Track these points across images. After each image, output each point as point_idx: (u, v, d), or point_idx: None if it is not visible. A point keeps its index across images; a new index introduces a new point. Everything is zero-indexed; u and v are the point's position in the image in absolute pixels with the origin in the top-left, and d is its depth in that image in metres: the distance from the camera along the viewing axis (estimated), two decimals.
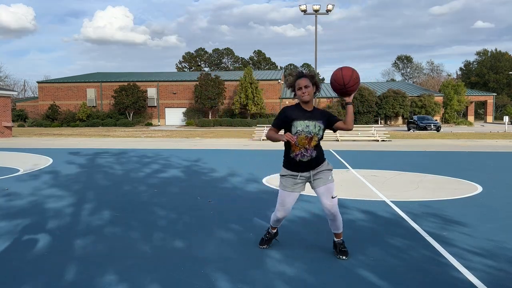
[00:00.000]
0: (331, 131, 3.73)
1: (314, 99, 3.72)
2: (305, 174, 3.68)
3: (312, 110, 3.64)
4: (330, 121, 3.65)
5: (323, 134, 3.66)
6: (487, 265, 3.52)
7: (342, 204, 5.88)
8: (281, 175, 3.81)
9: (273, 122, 3.71)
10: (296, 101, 3.75)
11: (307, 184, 3.82)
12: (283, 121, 3.63)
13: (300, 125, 3.57)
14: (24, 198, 6.35)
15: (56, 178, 8.25)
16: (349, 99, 3.55)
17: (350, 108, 3.57)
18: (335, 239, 3.85)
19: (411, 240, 4.22)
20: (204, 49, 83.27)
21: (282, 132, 3.77)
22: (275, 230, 4.06)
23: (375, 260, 3.67)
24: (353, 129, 23.16)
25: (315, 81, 3.63)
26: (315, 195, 6.46)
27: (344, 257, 3.73)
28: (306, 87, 3.54)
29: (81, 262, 3.63)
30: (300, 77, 3.58)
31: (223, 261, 3.65)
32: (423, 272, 3.38)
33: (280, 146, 16.75)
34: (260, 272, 3.40)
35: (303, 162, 3.63)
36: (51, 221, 5.01)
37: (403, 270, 3.43)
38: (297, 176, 3.69)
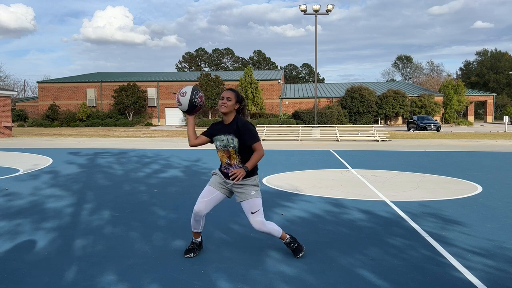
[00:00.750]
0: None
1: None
2: (228, 181, 3.63)
3: (229, 123, 3.57)
4: (240, 135, 3.49)
5: (241, 145, 3.50)
6: (486, 265, 3.52)
7: (342, 204, 5.88)
8: (212, 173, 3.81)
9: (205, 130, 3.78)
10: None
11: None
12: (207, 132, 3.73)
13: (217, 140, 3.64)
14: (24, 198, 6.35)
15: (56, 178, 8.25)
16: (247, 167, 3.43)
17: (245, 169, 3.42)
18: (283, 241, 3.81)
19: (411, 240, 4.22)
20: (204, 49, 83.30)
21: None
22: (199, 239, 3.84)
23: (375, 260, 3.67)
24: (353, 129, 23.03)
25: (242, 100, 3.64)
26: (315, 195, 6.49)
27: (299, 255, 3.73)
28: (228, 99, 3.51)
29: (81, 262, 3.63)
30: (227, 89, 3.60)
31: (223, 261, 3.65)
32: (423, 272, 3.39)
33: (280, 146, 16.74)
34: (260, 272, 3.40)
35: (227, 174, 3.62)
36: (51, 221, 5.01)
37: (403, 270, 3.43)
38: (224, 180, 3.66)
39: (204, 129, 33.72)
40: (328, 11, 24.89)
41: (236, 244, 4.13)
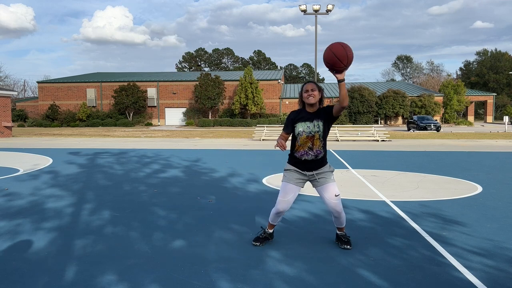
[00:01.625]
0: (333, 127, 3.87)
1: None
2: (309, 172, 3.88)
3: (316, 111, 3.84)
4: (327, 112, 3.80)
5: (325, 130, 3.81)
6: (486, 265, 3.52)
7: (342, 203, 5.87)
8: (285, 170, 4.00)
9: (283, 128, 3.96)
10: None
11: (307, 183, 3.97)
12: (288, 123, 3.92)
13: (301, 126, 3.82)
14: (24, 198, 6.35)
15: (56, 178, 8.25)
16: (341, 76, 3.54)
17: (344, 86, 3.57)
18: (338, 232, 4.09)
19: (411, 240, 4.22)
20: (204, 49, 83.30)
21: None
22: (272, 230, 4.15)
23: (375, 260, 3.67)
24: (353, 129, 23.07)
25: (322, 90, 3.86)
26: (315, 195, 6.49)
27: (348, 247, 3.97)
28: (312, 90, 3.77)
29: (81, 262, 3.64)
30: (307, 82, 3.85)
31: (223, 261, 3.65)
32: (423, 272, 3.39)
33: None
34: (260, 272, 3.40)
35: (308, 160, 3.83)
36: (51, 221, 5.01)
37: (403, 270, 3.43)
38: (305, 174, 3.90)
39: (205, 128, 33.76)
40: (328, 11, 24.89)
41: (236, 244, 4.13)
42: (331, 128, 4.20)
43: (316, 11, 24.87)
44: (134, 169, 9.63)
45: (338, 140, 19.81)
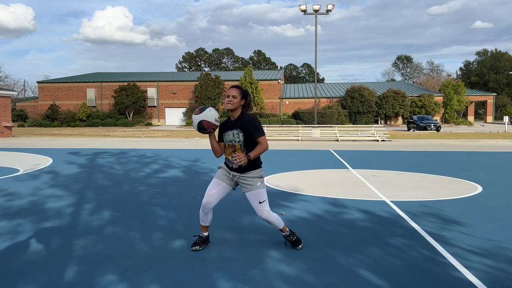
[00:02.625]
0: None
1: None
2: (233, 172, 3.83)
3: (236, 119, 3.77)
4: (246, 129, 3.69)
5: (246, 140, 3.70)
6: (486, 265, 3.52)
7: (342, 204, 5.88)
8: (219, 167, 4.02)
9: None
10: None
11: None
12: (219, 133, 3.90)
13: (224, 136, 3.82)
14: (24, 198, 6.35)
15: (56, 178, 8.25)
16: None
17: (250, 157, 3.62)
18: (283, 233, 3.99)
19: (411, 240, 4.22)
20: (204, 49, 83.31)
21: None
22: (206, 233, 4.00)
23: (375, 260, 3.67)
24: (353, 129, 23.02)
25: (247, 96, 3.79)
26: (315, 195, 6.48)
27: (298, 247, 3.94)
28: (233, 97, 3.71)
29: (81, 262, 3.64)
30: (231, 87, 3.78)
31: (223, 261, 3.66)
32: (423, 272, 3.39)
33: (280, 146, 16.75)
34: (260, 272, 3.40)
35: (233, 167, 3.82)
36: (51, 221, 5.01)
37: (403, 270, 3.43)
38: (230, 173, 3.86)
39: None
40: (328, 11, 24.89)
41: (236, 244, 4.13)
42: (330, 128, 4.20)
43: (316, 11, 24.87)
44: (134, 169, 9.63)
45: (338, 140, 19.81)
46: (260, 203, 3.76)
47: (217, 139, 3.88)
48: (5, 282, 3.23)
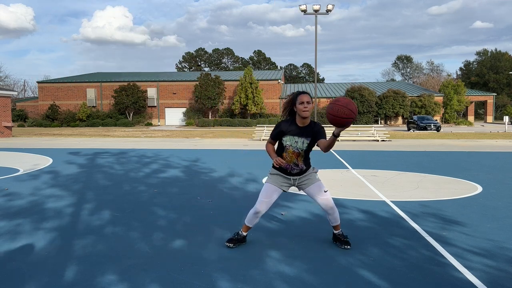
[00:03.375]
0: None
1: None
2: (293, 177, 3.89)
3: (306, 126, 3.73)
4: (316, 135, 3.72)
5: (310, 148, 3.80)
6: (486, 265, 3.52)
7: (342, 204, 5.88)
8: (271, 173, 3.97)
9: (271, 133, 3.88)
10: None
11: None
12: (278, 134, 3.81)
13: (289, 140, 3.75)
14: (24, 198, 6.35)
15: (56, 178, 8.25)
16: (337, 131, 3.46)
17: (335, 140, 3.49)
18: (335, 231, 4.07)
19: (411, 240, 4.22)
20: (204, 49, 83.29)
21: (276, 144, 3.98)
22: (246, 233, 4.06)
23: (375, 260, 3.67)
24: (353, 129, 23.04)
25: (313, 101, 3.72)
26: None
27: (348, 247, 3.95)
28: (308, 102, 3.61)
29: (81, 262, 3.64)
30: (303, 93, 3.68)
31: (223, 261, 3.65)
32: (423, 272, 3.39)
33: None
34: (260, 272, 3.40)
35: (292, 173, 3.87)
36: (51, 221, 5.01)
37: (403, 270, 3.43)
38: (289, 179, 3.90)
39: (205, 128, 33.76)
40: (328, 11, 24.89)
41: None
42: (330, 128, 4.24)
43: (316, 11, 24.87)
44: (134, 169, 9.63)
45: (338, 140, 19.80)
46: (325, 191, 3.86)
47: (275, 142, 3.87)
48: (5, 282, 3.23)
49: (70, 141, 19.66)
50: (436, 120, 34.46)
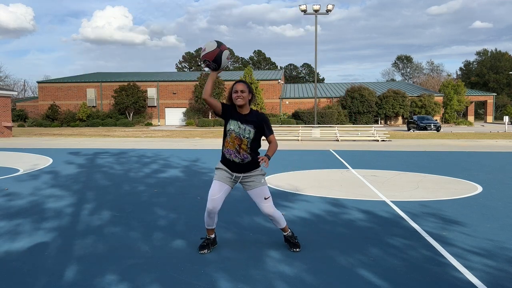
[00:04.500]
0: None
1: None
2: (236, 174, 3.78)
3: (247, 114, 3.72)
4: (260, 125, 3.72)
5: (255, 138, 3.71)
6: (487, 265, 3.52)
7: (342, 204, 5.88)
8: (216, 168, 3.86)
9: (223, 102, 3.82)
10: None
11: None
12: (225, 109, 3.73)
13: (233, 124, 3.70)
14: (23, 198, 6.35)
15: (56, 178, 8.25)
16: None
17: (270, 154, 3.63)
18: (284, 233, 4.00)
19: (411, 240, 4.22)
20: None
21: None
22: (213, 235, 3.97)
23: (375, 260, 3.67)
24: (353, 129, 22.99)
25: (251, 90, 3.76)
26: (315, 195, 6.48)
27: (297, 249, 3.90)
28: (242, 91, 3.65)
29: (81, 262, 3.63)
30: (238, 81, 3.74)
31: (223, 261, 3.65)
32: (423, 272, 3.39)
33: (280, 146, 16.75)
34: (260, 272, 3.40)
35: (235, 162, 3.72)
36: (51, 221, 5.01)
37: (403, 270, 3.43)
38: (232, 175, 3.78)
39: (205, 128, 33.76)
40: (328, 11, 24.88)
41: (236, 244, 4.13)
42: (330, 128, 4.24)
43: (316, 11, 24.86)
44: (134, 169, 9.62)
45: (338, 140, 19.80)
46: (265, 199, 3.78)
47: (220, 105, 3.71)
48: (5, 282, 3.23)
49: (70, 141, 19.66)
50: (436, 120, 34.46)
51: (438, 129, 30.03)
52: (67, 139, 21.71)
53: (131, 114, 41.93)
